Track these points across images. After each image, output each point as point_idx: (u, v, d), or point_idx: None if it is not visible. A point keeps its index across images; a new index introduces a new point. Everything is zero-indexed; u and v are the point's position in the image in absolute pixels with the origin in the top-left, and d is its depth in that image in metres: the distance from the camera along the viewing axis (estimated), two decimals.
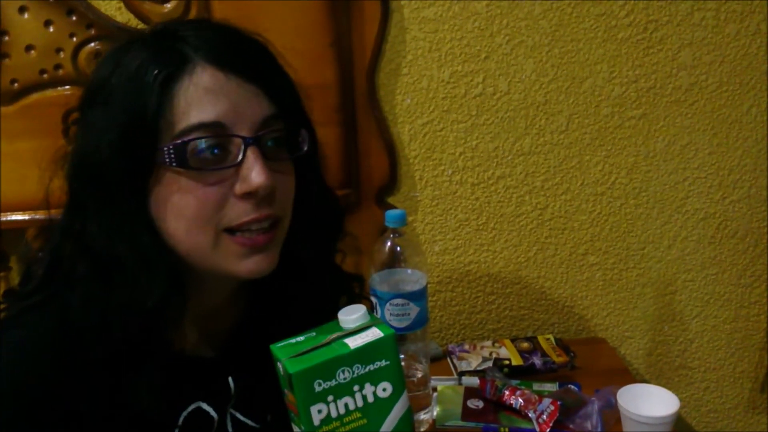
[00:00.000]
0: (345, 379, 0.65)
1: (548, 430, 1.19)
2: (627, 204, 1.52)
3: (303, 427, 0.65)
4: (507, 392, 1.25)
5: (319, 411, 0.65)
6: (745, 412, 1.70)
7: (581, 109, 1.44)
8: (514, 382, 1.31)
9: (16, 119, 1.26)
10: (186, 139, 0.68)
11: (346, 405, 0.66)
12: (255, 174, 0.69)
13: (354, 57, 1.34)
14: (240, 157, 0.69)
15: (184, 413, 0.78)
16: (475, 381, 1.31)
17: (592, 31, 1.39)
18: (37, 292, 0.73)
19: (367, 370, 0.66)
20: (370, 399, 0.67)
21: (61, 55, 1.25)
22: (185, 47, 0.69)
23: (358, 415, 0.67)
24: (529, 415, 1.21)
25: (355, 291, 0.92)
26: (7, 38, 1.23)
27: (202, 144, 0.68)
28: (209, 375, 0.81)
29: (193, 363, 0.79)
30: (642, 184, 1.50)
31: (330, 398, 0.65)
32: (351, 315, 0.68)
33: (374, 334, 0.67)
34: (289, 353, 0.65)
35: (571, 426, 1.21)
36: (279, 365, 0.66)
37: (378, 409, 0.68)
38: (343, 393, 0.65)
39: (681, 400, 1.12)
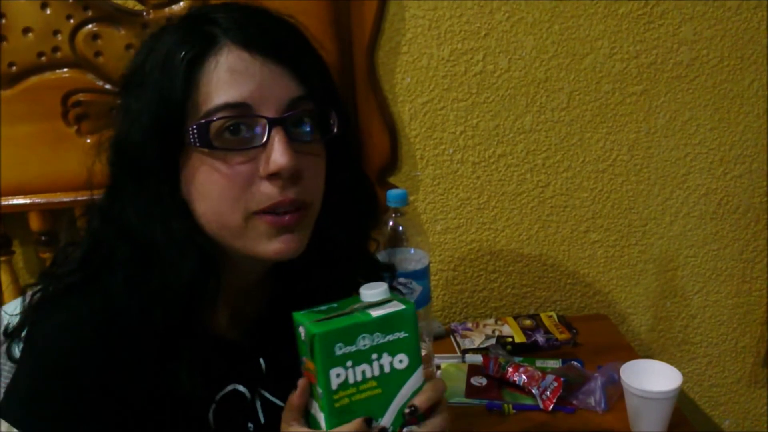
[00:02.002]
0: (365, 346, 0.67)
1: (551, 406, 1.20)
2: (628, 181, 1.51)
3: (321, 390, 0.66)
4: (510, 369, 1.25)
5: (338, 375, 0.66)
6: (747, 387, 1.71)
7: (582, 86, 1.43)
8: (517, 359, 1.31)
9: (16, 103, 1.26)
10: (210, 119, 0.68)
11: (363, 372, 0.67)
12: (279, 155, 0.68)
13: (353, 36, 1.33)
14: (265, 138, 0.69)
15: (220, 394, 0.79)
16: (478, 359, 1.32)
17: (592, 7, 1.38)
18: (76, 274, 0.73)
19: (386, 339, 0.68)
20: (387, 369, 0.68)
21: (59, 37, 1.24)
22: (214, 29, 0.69)
23: (374, 384, 0.68)
24: (533, 391, 1.22)
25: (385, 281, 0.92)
26: (3, 21, 1.22)
27: (226, 124, 0.69)
28: (241, 357, 0.82)
29: (226, 345, 0.80)
30: (643, 160, 1.50)
31: (349, 363, 0.66)
32: (373, 289, 0.70)
33: (395, 306, 0.69)
34: (312, 318, 0.67)
35: (574, 402, 1.21)
36: (301, 330, 0.67)
37: (393, 380, 0.69)
38: (361, 360, 0.67)
39: (683, 375, 1.12)
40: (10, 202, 1.29)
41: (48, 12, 1.23)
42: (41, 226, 1.32)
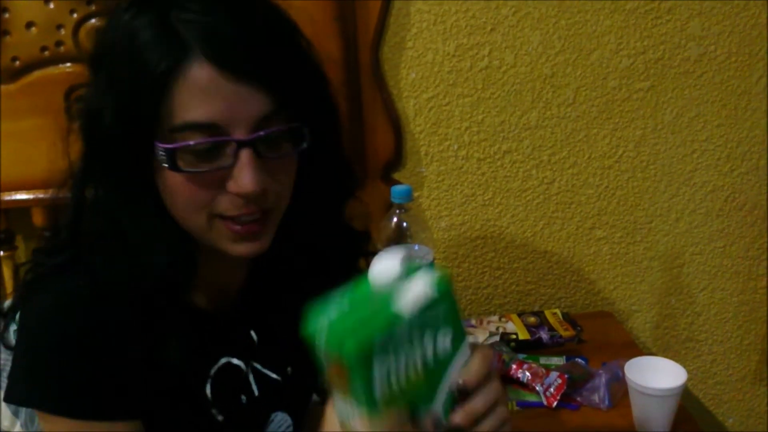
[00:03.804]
0: (403, 335, 0.58)
1: (555, 403, 1.20)
2: (634, 177, 1.50)
3: (358, 397, 0.58)
4: (514, 366, 1.25)
5: (380, 380, 0.58)
6: (752, 384, 1.71)
7: (588, 82, 1.42)
8: (521, 356, 1.31)
9: (19, 97, 1.25)
10: (177, 145, 0.67)
11: (405, 363, 0.59)
12: (246, 179, 0.68)
13: (358, 31, 1.32)
14: (232, 159, 0.68)
15: (215, 368, 0.81)
16: None
17: (599, 2, 1.37)
18: (63, 254, 0.75)
19: (425, 319, 0.60)
20: (429, 352, 0.61)
21: (62, 31, 1.24)
22: (188, 34, 0.66)
23: (419, 370, 0.60)
24: (537, 388, 1.21)
25: (366, 249, 0.93)
26: (7, 15, 1.22)
27: (194, 148, 0.68)
28: (232, 330, 0.83)
29: (213, 319, 0.82)
30: (650, 157, 1.49)
31: (390, 360, 0.58)
32: (388, 263, 0.62)
33: (425, 278, 0.60)
34: (335, 323, 0.58)
35: (578, 399, 1.21)
36: (321, 339, 0.59)
37: (439, 360, 0.62)
38: (401, 351, 0.59)
39: (688, 372, 1.12)
40: (13, 197, 1.29)
41: (51, 6, 1.22)
42: (44, 221, 1.32)
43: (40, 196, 1.29)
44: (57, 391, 0.72)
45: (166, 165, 0.68)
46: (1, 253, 1.34)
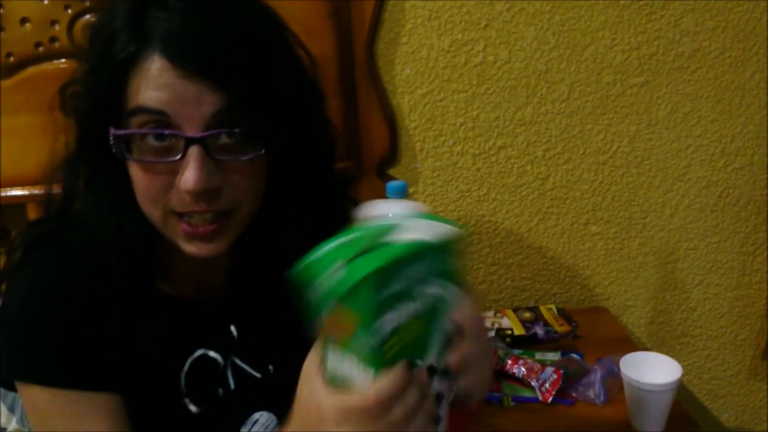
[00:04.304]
0: (410, 279, 0.55)
1: (551, 398, 1.20)
2: (629, 173, 1.51)
3: (367, 343, 0.55)
4: (509, 361, 1.25)
5: (389, 321, 0.55)
6: (747, 380, 1.71)
7: (583, 77, 1.42)
8: (517, 351, 1.31)
9: (13, 94, 1.25)
10: (127, 131, 0.69)
11: (407, 310, 0.56)
12: (189, 176, 0.68)
13: (353, 27, 1.32)
14: (180, 154, 0.69)
15: (190, 359, 0.81)
16: None
17: None
18: (43, 227, 0.78)
19: (430, 266, 0.57)
20: (429, 300, 0.58)
21: (57, 27, 1.24)
22: (152, 28, 0.67)
23: (419, 319, 0.58)
24: (532, 383, 1.22)
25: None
26: (1, 11, 1.21)
27: (143, 133, 0.69)
28: (211, 322, 0.84)
29: (190, 310, 0.82)
30: (644, 152, 1.50)
31: (396, 304, 0.55)
32: (396, 201, 0.59)
33: (433, 226, 0.57)
34: (334, 261, 0.54)
35: (573, 394, 1.21)
36: (320, 281, 0.54)
37: (437, 309, 0.60)
38: (406, 297, 0.56)
39: (683, 367, 1.12)
40: (9, 193, 1.29)
41: (46, 2, 1.22)
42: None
43: (35, 192, 1.28)
44: (34, 361, 0.73)
45: (115, 151, 0.70)
46: None
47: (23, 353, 0.74)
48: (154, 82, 0.67)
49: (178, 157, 0.68)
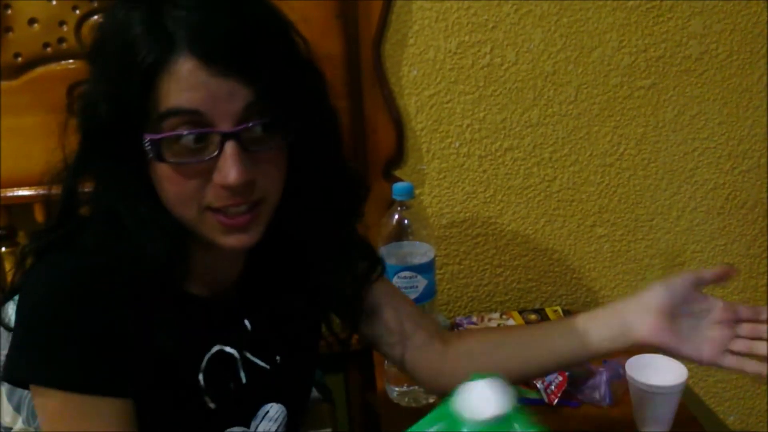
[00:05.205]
0: None
1: (556, 400, 1.20)
2: (636, 175, 1.50)
3: None
4: None
5: None
6: (753, 383, 1.71)
7: (590, 80, 1.42)
8: None
9: (21, 94, 1.26)
10: (163, 135, 0.69)
11: None
12: (230, 171, 0.69)
13: (360, 29, 1.32)
14: (217, 151, 0.70)
15: (207, 356, 0.82)
16: None
17: (601, 0, 1.37)
18: (56, 233, 0.77)
19: None
20: None
21: (65, 28, 1.24)
22: (175, 29, 0.68)
23: None
24: (537, 386, 1.21)
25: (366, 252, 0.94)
26: (9, 11, 1.22)
27: (178, 136, 0.69)
28: (226, 318, 0.85)
29: (207, 306, 0.83)
30: (651, 154, 1.49)
31: None
32: (480, 398, 0.56)
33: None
34: None
35: (579, 396, 1.21)
36: None
37: None
38: None
39: (689, 370, 1.12)
40: (16, 193, 1.29)
41: (54, 2, 1.23)
42: (46, 217, 1.32)
43: (42, 192, 1.27)
44: (49, 363, 0.73)
45: (152, 156, 0.70)
46: (3, 249, 1.34)
47: (38, 357, 0.73)
48: (186, 83, 0.67)
49: (215, 153, 0.70)
